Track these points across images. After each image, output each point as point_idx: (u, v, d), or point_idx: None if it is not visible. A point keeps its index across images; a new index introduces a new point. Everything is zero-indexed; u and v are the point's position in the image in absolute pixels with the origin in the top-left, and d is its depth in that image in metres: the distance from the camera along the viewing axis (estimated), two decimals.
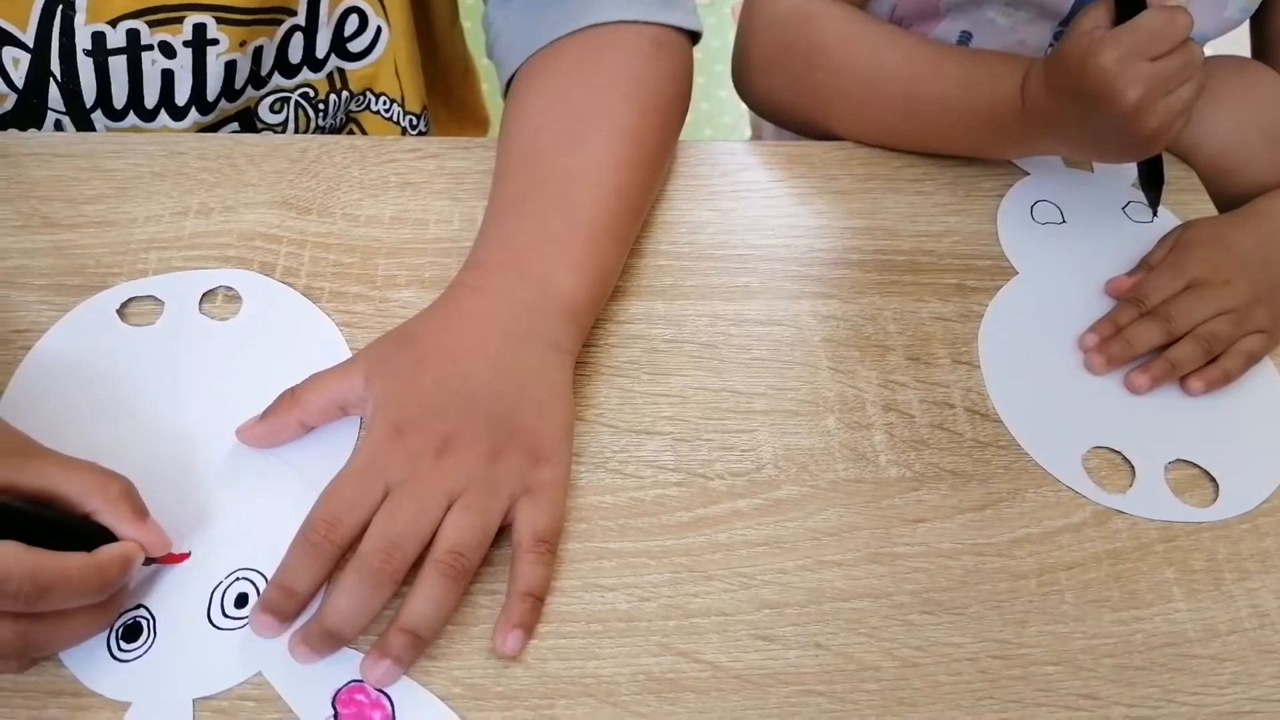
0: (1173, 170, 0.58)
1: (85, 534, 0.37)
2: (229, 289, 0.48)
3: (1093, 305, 0.52)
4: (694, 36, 0.55)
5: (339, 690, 0.37)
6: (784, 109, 0.61)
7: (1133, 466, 0.46)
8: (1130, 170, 0.57)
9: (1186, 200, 0.57)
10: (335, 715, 0.37)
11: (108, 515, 0.37)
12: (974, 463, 0.46)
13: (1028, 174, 0.58)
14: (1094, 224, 0.56)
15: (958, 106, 0.54)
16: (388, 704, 0.37)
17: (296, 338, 0.47)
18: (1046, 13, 0.60)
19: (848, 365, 0.48)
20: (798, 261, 0.52)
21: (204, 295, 0.48)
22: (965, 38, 0.62)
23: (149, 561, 0.39)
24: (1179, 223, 0.55)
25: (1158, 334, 0.49)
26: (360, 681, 0.38)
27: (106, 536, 0.37)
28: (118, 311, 0.47)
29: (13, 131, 0.55)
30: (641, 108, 0.50)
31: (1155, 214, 0.55)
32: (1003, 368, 0.49)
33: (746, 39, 0.60)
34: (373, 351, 0.44)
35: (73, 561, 0.35)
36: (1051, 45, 0.62)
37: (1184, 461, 0.47)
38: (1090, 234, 0.55)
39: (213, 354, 0.46)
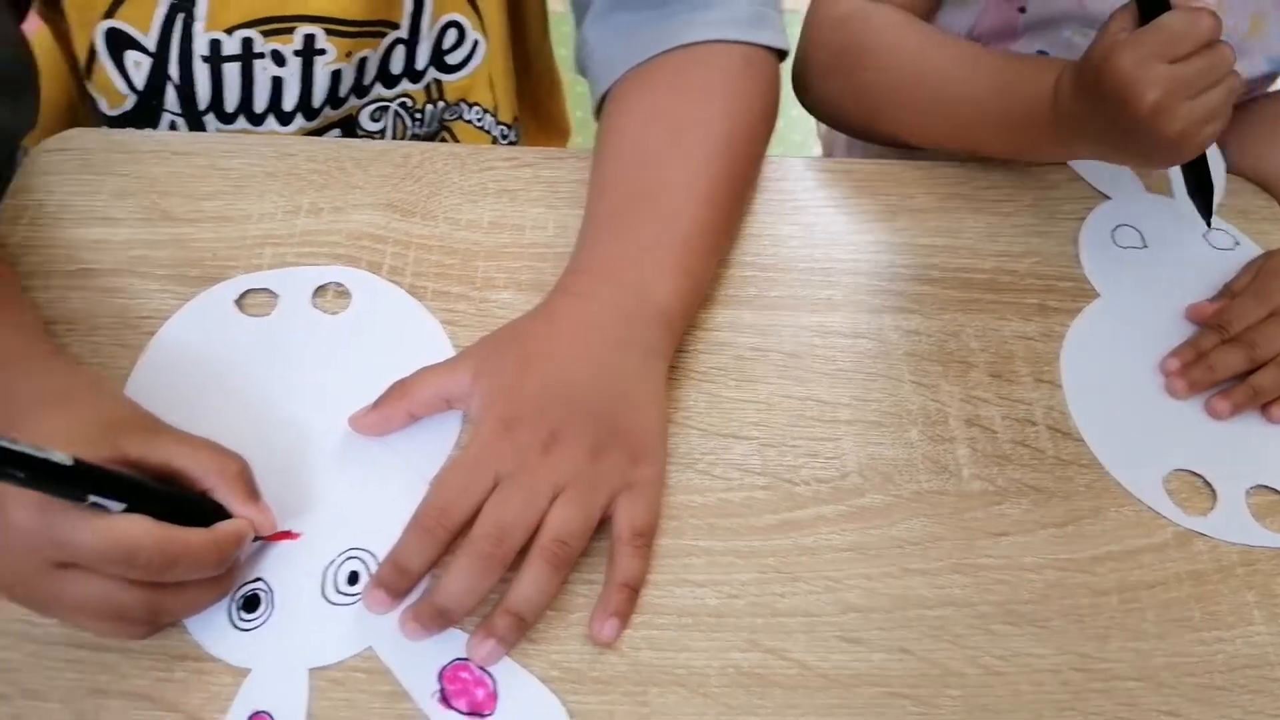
0: (1254, 199, 0.59)
1: (201, 510, 0.39)
2: (339, 285, 0.50)
3: (1174, 330, 0.53)
4: (781, 55, 0.57)
5: (445, 666, 0.39)
6: (839, 111, 0.62)
7: (1214, 490, 0.47)
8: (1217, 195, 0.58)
9: (1268, 230, 0.58)
10: (441, 690, 0.39)
11: (223, 493, 0.39)
12: (1056, 480, 0.47)
13: (1109, 198, 0.59)
14: (1176, 250, 0.57)
15: (993, 107, 0.54)
16: (490, 682, 0.39)
17: (403, 333, 0.49)
18: None
19: (930, 380, 0.49)
20: (880, 276, 0.53)
21: (316, 290, 0.50)
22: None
23: (257, 539, 0.41)
24: (1262, 251, 0.55)
25: (1240, 360, 0.50)
26: (464, 660, 0.39)
27: (221, 513, 0.39)
28: (235, 302, 0.49)
29: (133, 130, 0.58)
30: (734, 123, 0.52)
31: (1209, 224, 0.54)
32: (1085, 388, 0.50)
33: (806, 42, 0.61)
34: (478, 350, 0.45)
35: (196, 536, 0.37)
36: None
37: (1266, 487, 0.47)
38: (1172, 259, 0.56)
39: (324, 346, 0.48)
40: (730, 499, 0.45)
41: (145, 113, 0.61)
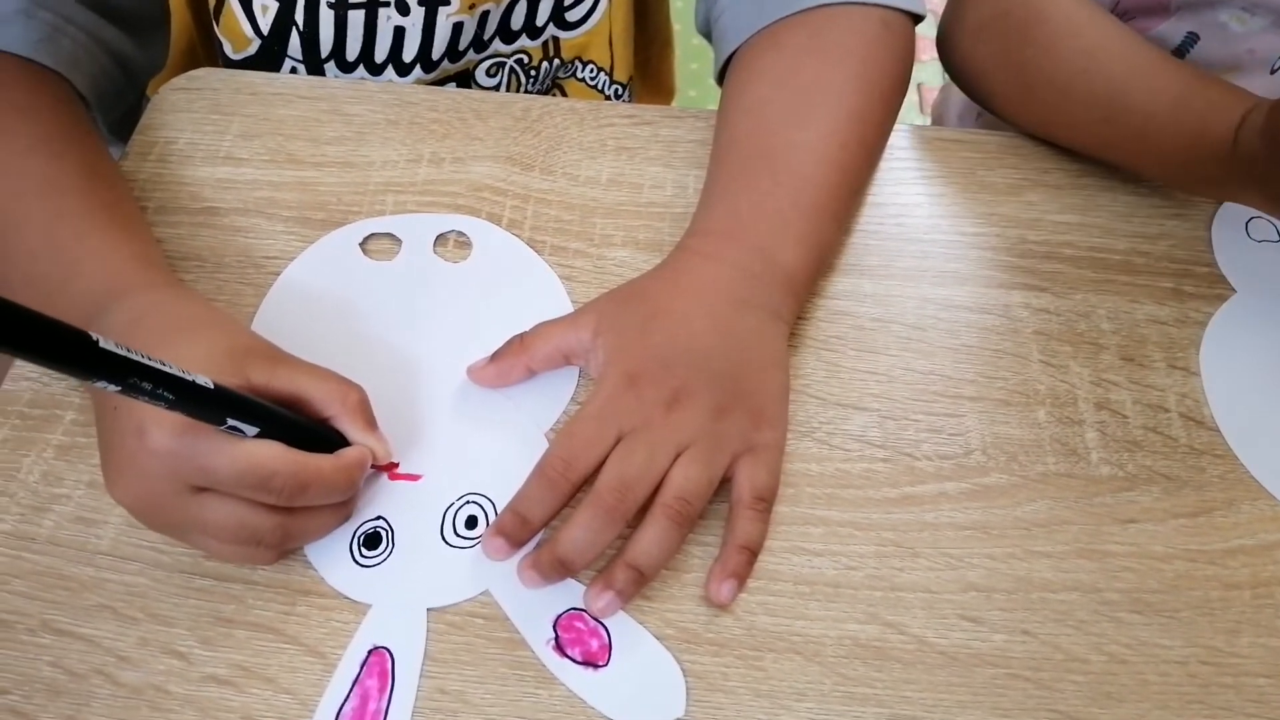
0: None
1: (324, 437, 0.40)
2: (460, 234, 0.50)
3: None
4: (917, 19, 0.55)
5: (560, 615, 0.39)
6: (983, 78, 0.58)
7: None
8: None
9: None
10: (556, 638, 0.39)
11: (344, 422, 0.40)
12: (1188, 469, 0.45)
13: None
14: None
15: (1163, 125, 0.50)
16: (604, 633, 0.39)
17: (521, 286, 0.49)
18: None
19: (1060, 360, 0.48)
20: (1009, 252, 0.52)
21: (437, 238, 0.50)
22: (1190, 40, 0.60)
23: (374, 468, 0.41)
24: None
25: None
26: (579, 610, 0.39)
27: (341, 441, 0.40)
28: (360, 245, 0.50)
29: (260, 72, 0.59)
30: (868, 88, 0.50)
31: None
32: (1225, 384, 0.47)
33: None
34: (599, 306, 0.45)
35: (326, 463, 0.38)
36: None
37: None
38: None
39: (446, 293, 0.48)
40: (849, 470, 0.44)
41: (268, 58, 0.62)
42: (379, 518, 0.41)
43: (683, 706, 0.38)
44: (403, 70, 0.62)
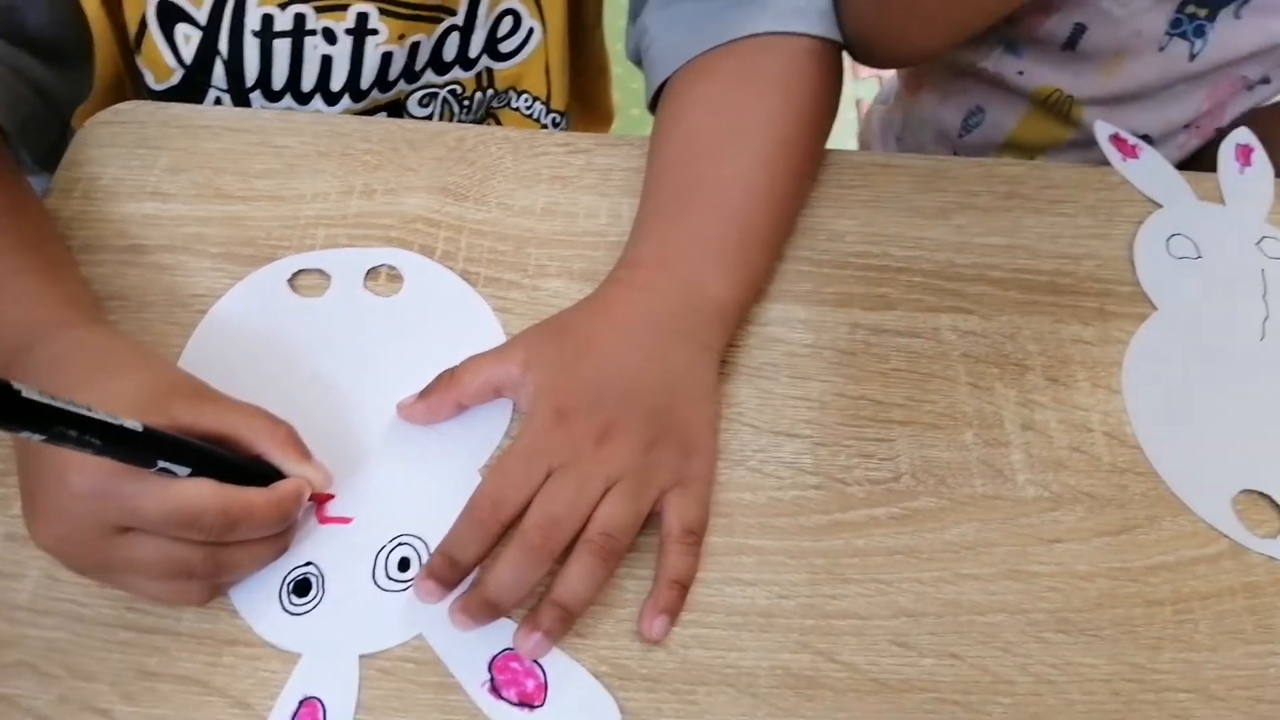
0: None
1: (258, 473, 0.39)
2: (392, 268, 0.50)
3: (1234, 343, 0.51)
4: (844, 46, 0.56)
5: (495, 656, 0.39)
6: (864, 27, 0.55)
7: None
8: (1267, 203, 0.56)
9: None
10: (491, 679, 0.39)
11: (276, 456, 0.39)
12: (1112, 488, 0.46)
13: (1160, 206, 0.57)
14: (1231, 259, 0.55)
15: None
16: (540, 673, 0.39)
17: (455, 319, 0.49)
18: None
19: (986, 382, 0.49)
20: (938, 275, 0.52)
21: (368, 272, 0.50)
22: (1078, 30, 0.62)
23: (312, 498, 0.41)
24: None
25: None
26: (514, 650, 0.39)
27: (275, 475, 0.40)
28: (288, 282, 0.49)
29: (188, 104, 0.58)
30: (797, 116, 0.51)
31: None
32: (1146, 402, 0.49)
33: None
34: (529, 339, 0.45)
35: (258, 497, 0.38)
36: (1168, 34, 0.61)
37: None
38: (1227, 269, 0.55)
39: (376, 329, 0.48)
40: (781, 498, 0.45)
41: (191, 88, 0.61)
42: (309, 564, 0.41)
43: None
44: (331, 100, 0.61)
